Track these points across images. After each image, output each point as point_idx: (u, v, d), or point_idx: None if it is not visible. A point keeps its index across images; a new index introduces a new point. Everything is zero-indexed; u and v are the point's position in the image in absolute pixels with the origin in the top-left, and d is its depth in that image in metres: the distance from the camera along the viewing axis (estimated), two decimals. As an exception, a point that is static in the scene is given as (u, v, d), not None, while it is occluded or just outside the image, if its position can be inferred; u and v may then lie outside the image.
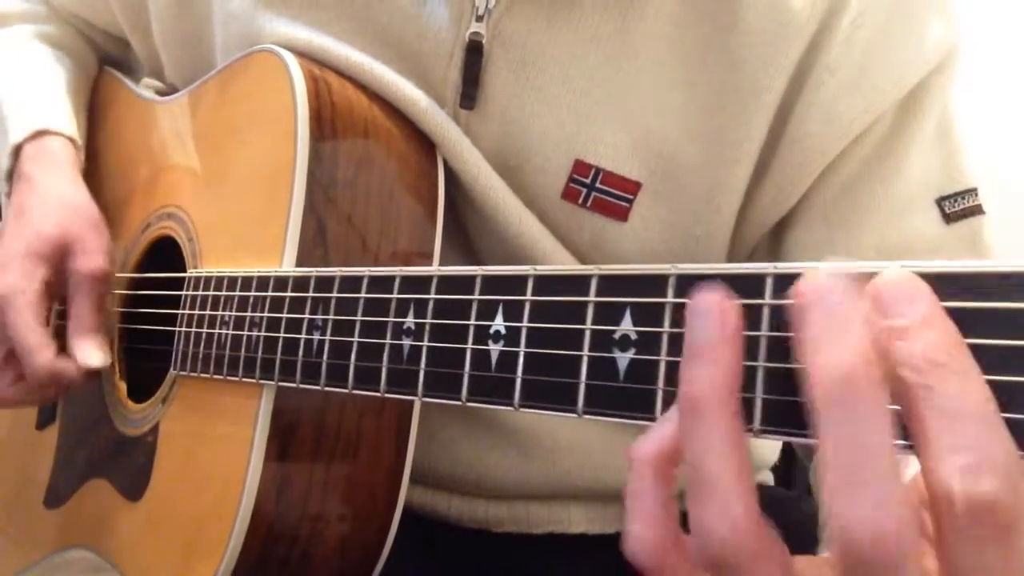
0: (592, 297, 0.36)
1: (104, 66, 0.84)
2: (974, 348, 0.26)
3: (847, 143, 0.57)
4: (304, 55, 0.59)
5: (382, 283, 0.45)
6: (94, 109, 0.80)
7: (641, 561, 0.31)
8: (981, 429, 0.25)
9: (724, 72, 0.57)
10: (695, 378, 0.30)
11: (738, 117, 0.57)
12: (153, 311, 0.65)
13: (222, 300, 0.56)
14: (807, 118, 0.56)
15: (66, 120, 0.73)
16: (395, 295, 0.44)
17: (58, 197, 0.68)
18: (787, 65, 0.56)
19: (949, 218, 0.59)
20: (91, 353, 0.63)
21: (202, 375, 0.57)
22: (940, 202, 0.59)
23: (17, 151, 0.70)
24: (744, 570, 0.28)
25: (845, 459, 0.26)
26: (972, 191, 0.59)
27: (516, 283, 0.39)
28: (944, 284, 0.27)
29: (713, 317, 0.30)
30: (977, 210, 0.59)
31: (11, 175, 0.71)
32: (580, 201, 0.59)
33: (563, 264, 0.61)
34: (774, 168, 0.58)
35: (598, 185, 0.59)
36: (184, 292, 0.60)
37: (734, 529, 0.28)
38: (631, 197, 0.59)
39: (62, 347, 0.63)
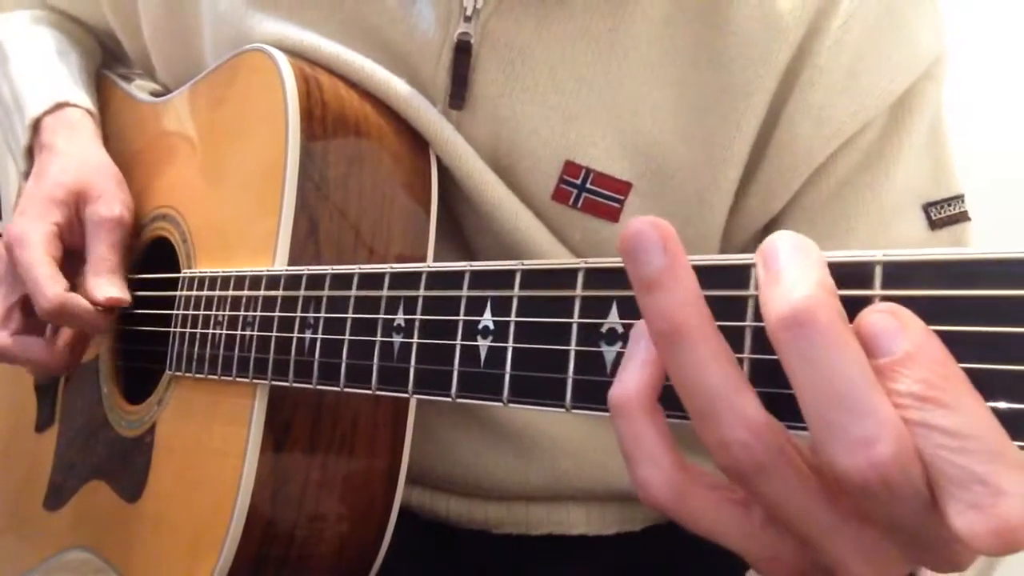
0: (579, 291, 0.36)
1: (100, 68, 0.84)
2: (962, 335, 0.26)
3: (836, 146, 0.57)
4: (295, 54, 0.59)
5: (372, 280, 0.45)
6: None
7: (660, 500, 0.30)
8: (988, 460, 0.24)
9: (714, 72, 0.56)
10: (663, 307, 0.29)
11: (728, 117, 0.57)
12: (148, 312, 0.66)
13: (215, 300, 0.56)
14: (797, 119, 0.56)
15: (82, 94, 0.73)
16: (385, 292, 0.44)
17: (79, 157, 0.68)
18: (777, 66, 0.56)
19: (935, 224, 0.59)
20: (107, 288, 0.61)
21: (197, 375, 0.57)
22: (927, 208, 0.59)
23: (36, 125, 0.70)
24: (772, 467, 0.28)
25: (820, 397, 0.26)
26: (959, 198, 0.60)
27: (504, 278, 0.38)
28: (936, 273, 0.27)
29: (655, 244, 0.29)
30: (962, 217, 0.60)
31: (30, 152, 0.71)
32: (571, 202, 0.59)
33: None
34: (763, 169, 0.58)
35: (588, 186, 0.58)
36: (178, 293, 0.61)
37: (753, 430, 0.28)
38: (622, 198, 0.59)
39: None
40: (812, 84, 0.56)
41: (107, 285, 0.62)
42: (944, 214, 0.59)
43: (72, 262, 0.64)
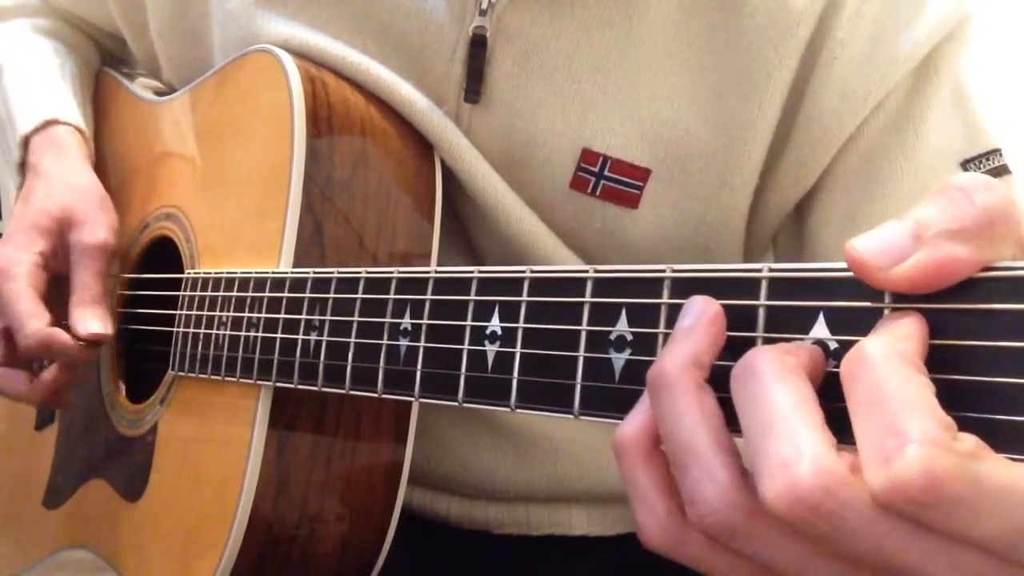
0: (588, 298, 0.36)
1: (103, 66, 0.84)
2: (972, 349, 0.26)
3: (864, 115, 0.57)
4: (301, 55, 0.59)
5: (379, 284, 0.45)
6: (94, 109, 0.80)
7: (654, 545, 0.31)
8: (904, 409, 0.25)
9: (733, 54, 0.57)
10: (661, 357, 0.31)
11: (749, 98, 0.57)
12: (151, 312, 0.65)
13: (219, 301, 0.56)
14: (823, 94, 0.56)
15: (73, 110, 0.74)
16: (392, 296, 0.44)
17: (64, 180, 0.68)
18: (797, 44, 0.56)
19: None
20: (90, 321, 0.61)
21: (200, 376, 0.57)
22: (965, 165, 0.58)
23: (26, 142, 0.71)
24: (746, 529, 0.28)
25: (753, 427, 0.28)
26: (996, 152, 0.59)
27: (512, 284, 0.39)
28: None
29: (693, 308, 0.32)
30: (1004, 170, 0.59)
31: (22, 166, 0.71)
32: (589, 190, 0.59)
33: (564, 263, 0.60)
34: (791, 147, 0.58)
35: (606, 173, 0.59)
36: (182, 292, 0.60)
37: (723, 494, 0.28)
38: (641, 184, 0.59)
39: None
40: (835, 58, 0.56)
41: (90, 318, 0.61)
42: (983, 168, 0.58)
43: (60, 287, 0.64)
